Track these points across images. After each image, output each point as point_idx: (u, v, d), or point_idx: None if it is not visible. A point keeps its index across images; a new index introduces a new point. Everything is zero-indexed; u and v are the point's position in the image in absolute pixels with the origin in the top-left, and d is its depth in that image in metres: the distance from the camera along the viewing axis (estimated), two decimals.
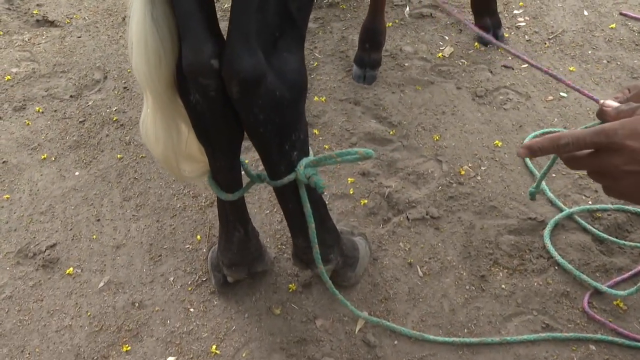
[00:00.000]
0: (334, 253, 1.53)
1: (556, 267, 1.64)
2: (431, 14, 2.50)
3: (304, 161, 1.28)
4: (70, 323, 1.57)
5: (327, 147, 2.00)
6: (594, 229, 1.73)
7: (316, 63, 2.32)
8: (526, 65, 2.24)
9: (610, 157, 0.80)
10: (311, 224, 1.36)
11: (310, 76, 2.25)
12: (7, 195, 1.91)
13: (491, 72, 2.24)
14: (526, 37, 2.37)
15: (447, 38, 2.39)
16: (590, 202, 1.81)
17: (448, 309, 1.57)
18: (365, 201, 1.84)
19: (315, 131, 2.06)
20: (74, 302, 1.62)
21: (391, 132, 2.04)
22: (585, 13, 2.47)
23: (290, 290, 1.62)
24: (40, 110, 2.19)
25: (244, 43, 1.08)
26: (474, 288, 1.61)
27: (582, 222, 1.75)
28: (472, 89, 2.17)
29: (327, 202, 1.85)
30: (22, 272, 1.70)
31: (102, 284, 1.66)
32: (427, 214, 1.80)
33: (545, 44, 2.34)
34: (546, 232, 1.73)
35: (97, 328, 1.56)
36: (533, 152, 0.84)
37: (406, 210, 1.81)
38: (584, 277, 1.59)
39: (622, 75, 2.20)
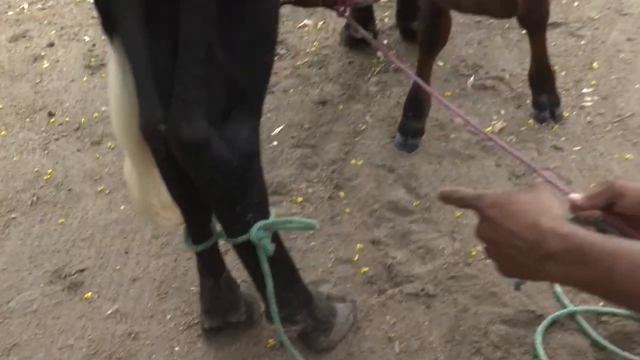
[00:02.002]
0: (302, 315, 1.65)
1: None
2: (494, 87, 2.54)
3: (259, 224, 1.45)
4: (72, 343, 1.86)
5: (347, 210, 2.13)
6: (594, 333, 1.67)
7: (364, 126, 2.47)
8: (578, 147, 2.21)
9: (480, 224, 0.90)
10: (268, 283, 1.50)
11: (354, 139, 2.41)
12: (61, 220, 2.27)
13: (538, 151, 2.25)
14: (588, 118, 2.34)
15: (502, 112, 2.42)
16: (601, 304, 1.75)
17: None
18: (366, 269, 1.94)
19: (341, 194, 2.20)
20: (82, 325, 1.91)
21: (414, 204, 2.12)
22: None
23: (267, 345, 1.76)
24: (112, 147, 2.55)
25: (183, 112, 1.28)
26: None
27: (584, 323, 1.70)
28: (512, 167, 2.18)
29: (329, 266, 1.98)
30: (51, 290, 2.03)
31: (110, 311, 1.93)
32: (422, 290, 1.86)
33: (607, 127, 2.29)
34: (540, 328, 1.71)
35: (92, 351, 1.83)
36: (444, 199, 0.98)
37: (404, 284, 1.88)
38: None
39: None
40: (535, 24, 2.24)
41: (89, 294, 1.98)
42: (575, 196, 1.05)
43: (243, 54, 1.33)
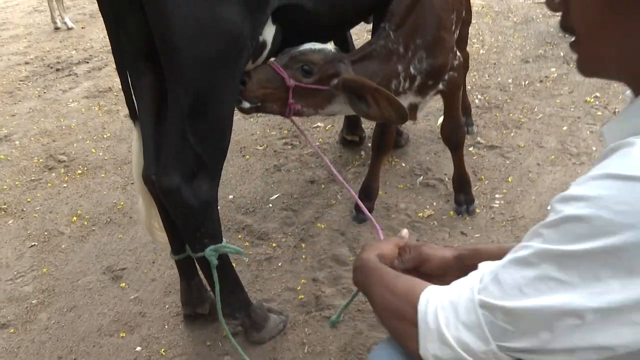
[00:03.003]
0: (240, 314, 2.15)
1: None
2: (435, 185, 3.00)
3: (211, 246, 1.98)
4: (105, 312, 2.44)
5: (304, 257, 2.62)
6: None
7: (335, 202, 2.97)
8: (478, 235, 2.63)
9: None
10: (216, 287, 2.03)
11: (325, 209, 2.91)
12: (120, 236, 2.90)
13: (449, 234, 2.67)
14: (493, 215, 2.75)
15: (434, 204, 2.87)
16: None
17: None
18: (303, 297, 2.41)
19: (303, 245, 2.69)
20: (115, 302, 2.49)
21: (350, 258, 2.58)
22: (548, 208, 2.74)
23: (223, 333, 2.25)
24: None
25: (165, 169, 1.84)
26: None
27: None
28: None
29: (279, 291, 2.46)
30: (102, 278, 2.63)
31: (132, 297, 2.50)
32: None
33: (503, 223, 2.69)
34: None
35: (116, 319, 2.39)
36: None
37: (324, 310, 2.34)
38: None
39: None
40: (453, 145, 2.70)
41: (124, 284, 2.57)
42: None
43: (206, 139, 1.81)
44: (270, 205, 2.98)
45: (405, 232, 1.33)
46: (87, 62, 5.53)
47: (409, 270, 1.23)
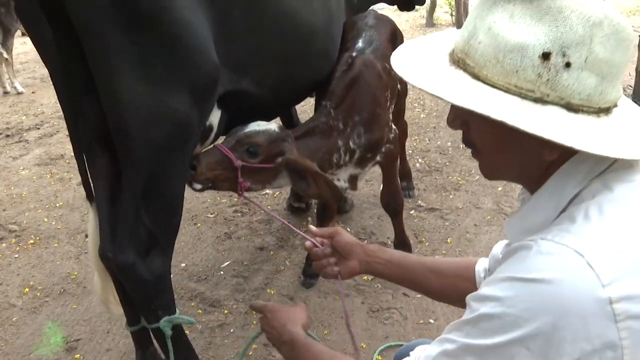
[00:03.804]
0: None
1: None
2: None
3: (165, 317, 2.13)
4: None
5: (254, 322, 2.77)
6: None
7: (283, 268, 3.15)
8: (419, 296, 2.84)
9: (262, 317, 1.42)
10: (171, 356, 2.16)
11: (274, 275, 3.09)
12: (74, 306, 2.99)
13: (392, 295, 2.87)
14: None
15: None
16: None
17: None
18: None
19: (254, 312, 2.84)
20: None
21: None
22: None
23: None
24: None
25: (120, 247, 2.00)
26: None
27: None
28: (372, 305, 2.82)
29: (231, 356, 2.61)
30: (57, 351, 2.70)
31: None
32: None
33: None
34: None
35: None
36: (252, 307, 1.51)
37: None
38: None
39: None
40: (393, 211, 2.96)
41: (78, 355, 2.63)
42: (313, 228, 1.57)
43: (158, 217, 1.96)
44: (222, 272, 3.14)
45: (312, 228, 1.59)
46: (38, 128, 5.65)
47: (328, 255, 1.51)
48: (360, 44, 2.73)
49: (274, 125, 2.34)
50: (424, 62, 1.06)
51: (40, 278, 3.23)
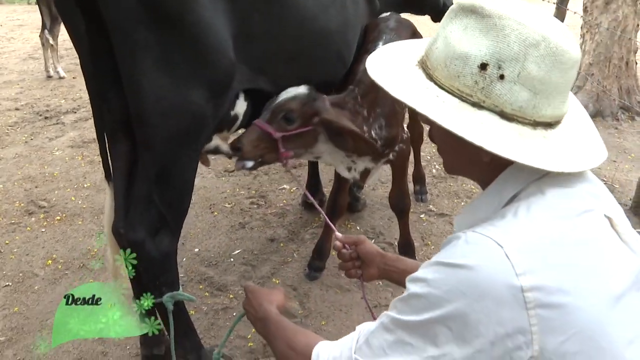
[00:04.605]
0: (192, 356, 2.47)
1: None
2: (384, 248, 3.36)
3: (168, 293, 2.32)
4: None
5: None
6: None
7: (291, 260, 3.31)
8: None
9: (245, 297, 1.58)
10: (171, 330, 2.35)
11: (281, 266, 3.25)
12: (90, 280, 3.22)
13: (392, 294, 3.01)
14: None
15: None
16: None
17: None
18: (252, 344, 2.73)
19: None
20: None
21: (300, 312, 2.92)
22: None
23: None
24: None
25: (132, 225, 2.19)
26: None
27: None
28: (371, 301, 2.96)
29: (232, 338, 2.78)
30: None
31: None
32: None
33: None
34: None
35: None
36: (244, 287, 1.62)
37: (271, 357, 2.66)
38: None
39: None
40: (399, 211, 3.08)
41: None
42: (338, 235, 1.72)
43: (169, 201, 2.12)
44: (232, 259, 3.33)
45: (339, 235, 1.73)
46: (75, 112, 5.96)
47: (354, 258, 1.71)
48: (381, 45, 2.86)
49: (302, 88, 2.38)
50: (396, 60, 1.23)
51: (63, 252, 3.47)
